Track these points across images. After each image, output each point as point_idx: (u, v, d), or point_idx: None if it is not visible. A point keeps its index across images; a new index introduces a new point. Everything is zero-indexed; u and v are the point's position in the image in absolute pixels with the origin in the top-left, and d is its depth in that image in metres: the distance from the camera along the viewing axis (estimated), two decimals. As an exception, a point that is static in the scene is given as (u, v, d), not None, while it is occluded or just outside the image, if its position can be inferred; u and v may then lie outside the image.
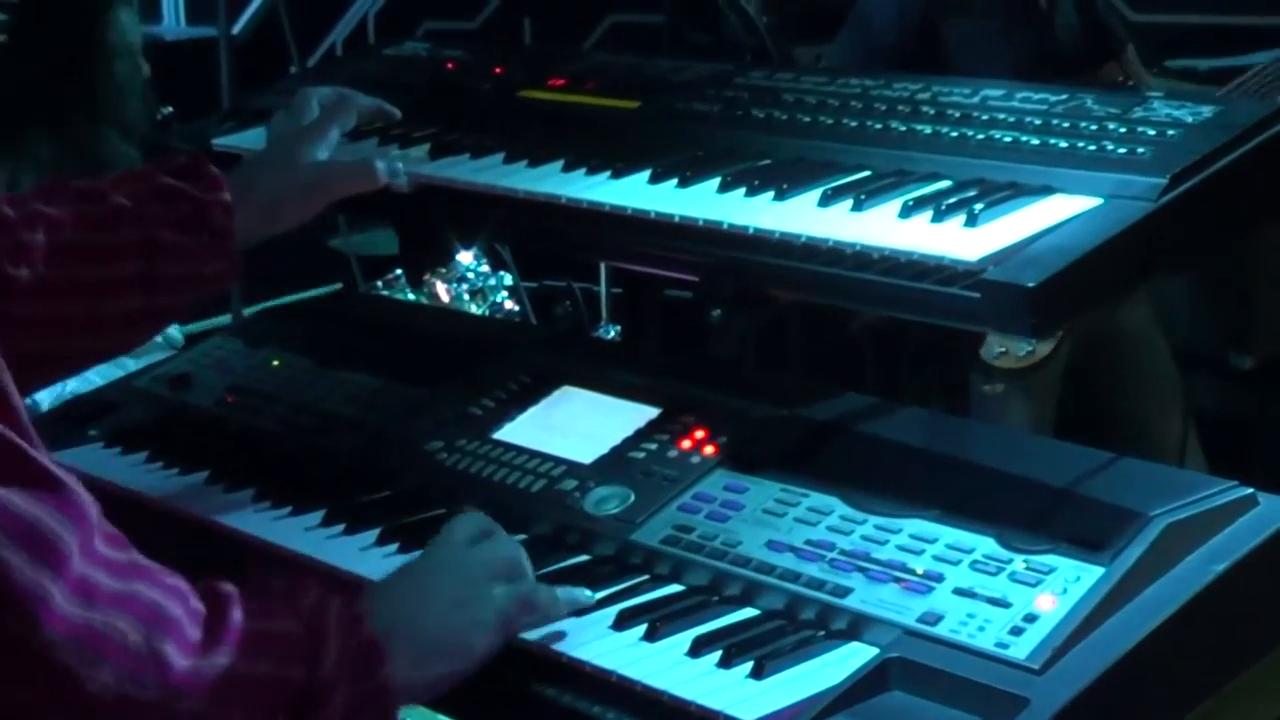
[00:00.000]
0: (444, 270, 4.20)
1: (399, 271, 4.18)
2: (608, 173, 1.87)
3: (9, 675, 1.20)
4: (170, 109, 3.88)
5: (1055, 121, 1.75)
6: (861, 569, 1.55)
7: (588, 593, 1.59)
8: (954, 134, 1.79)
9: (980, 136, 1.77)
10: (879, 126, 1.85)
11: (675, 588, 1.63)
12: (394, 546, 1.72)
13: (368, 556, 1.71)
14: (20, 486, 1.22)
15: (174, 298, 1.85)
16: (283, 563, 1.74)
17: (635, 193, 1.82)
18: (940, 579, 1.52)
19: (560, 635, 1.55)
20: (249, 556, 1.76)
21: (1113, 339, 3.72)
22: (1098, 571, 1.47)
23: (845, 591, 1.54)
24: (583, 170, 1.89)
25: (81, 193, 1.84)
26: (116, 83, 3.45)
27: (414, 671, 1.43)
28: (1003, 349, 3.55)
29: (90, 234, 1.79)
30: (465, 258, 4.20)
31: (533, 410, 1.93)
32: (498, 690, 1.53)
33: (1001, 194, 1.65)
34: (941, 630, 1.46)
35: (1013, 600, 1.47)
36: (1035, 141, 1.73)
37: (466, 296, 4.21)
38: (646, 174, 1.84)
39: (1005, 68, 3.48)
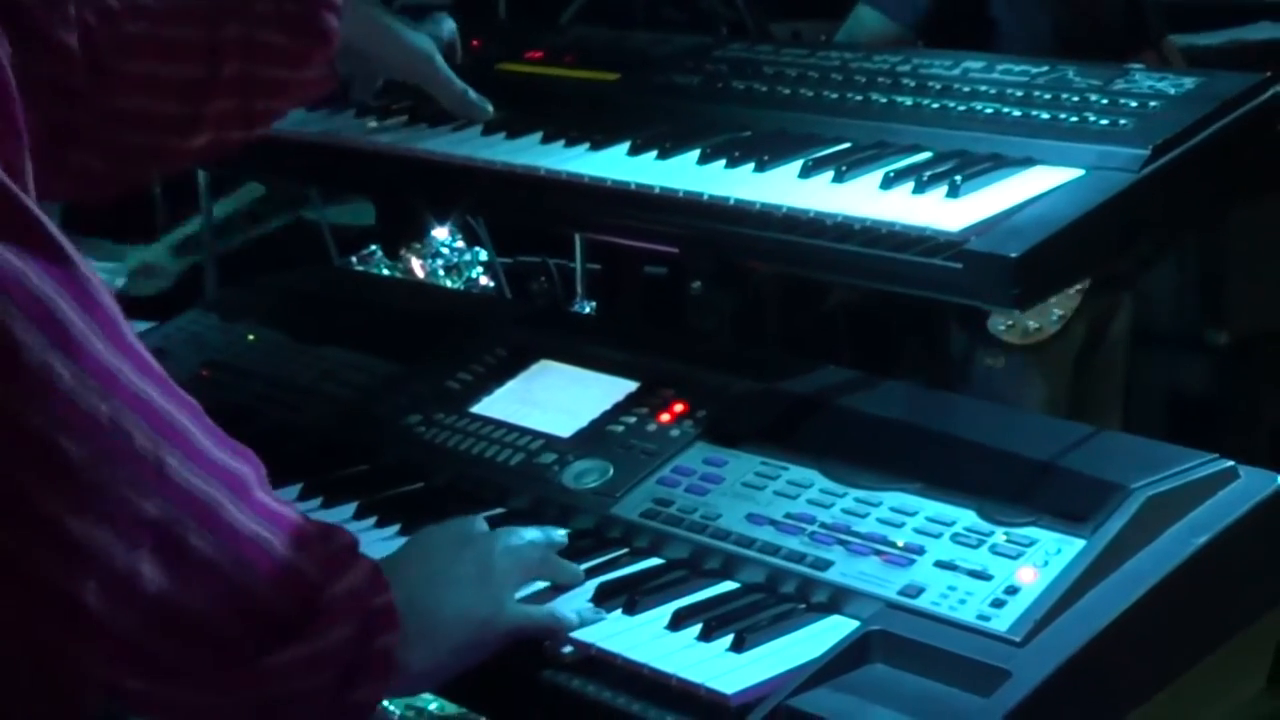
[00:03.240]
0: (419, 246, 4.18)
1: (374, 247, 4.15)
2: (587, 145, 1.86)
3: (5, 458, 1.17)
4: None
5: (1037, 93, 1.74)
6: (842, 542, 1.55)
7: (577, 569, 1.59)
8: (935, 106, 1.78)
9: (962, 108, 1.76)
10: (859, 98, 1.84)
11: (655, 561, 1.62)
12: (371, 520, 1.72)
13: (345, 530, 1.70)
14: (26, 250, 1.19)
15: (270, 101, 1.86)
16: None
17: (615, 164, 1.81)
18: (921, 552, 1.51)
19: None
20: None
21: (1096, 331, 3.72)
22: (1079, 544, 1.47)
23: (826, 565, 1.53)
24: (561, 142, 1.88)
25: None
26: None
27: (427, 659, 1.41)
28: (1010, 323, 3.54)
29: (194, 30, 1.79)
30: (440, 233, 4.17)
31: (511, 384, 1.92)
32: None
33: (983, 165, 1.64)
34: (923, 603, 1.46)
35: (994, 573, 1.47)
36: (1017, 113, 1.72)
37: (442, 272, 4.18)
38: (626, 146, 1.83)
39: (1047, 41, 3.48)
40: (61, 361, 1.19)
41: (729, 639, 1.46)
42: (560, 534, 1.60)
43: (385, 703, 2.78)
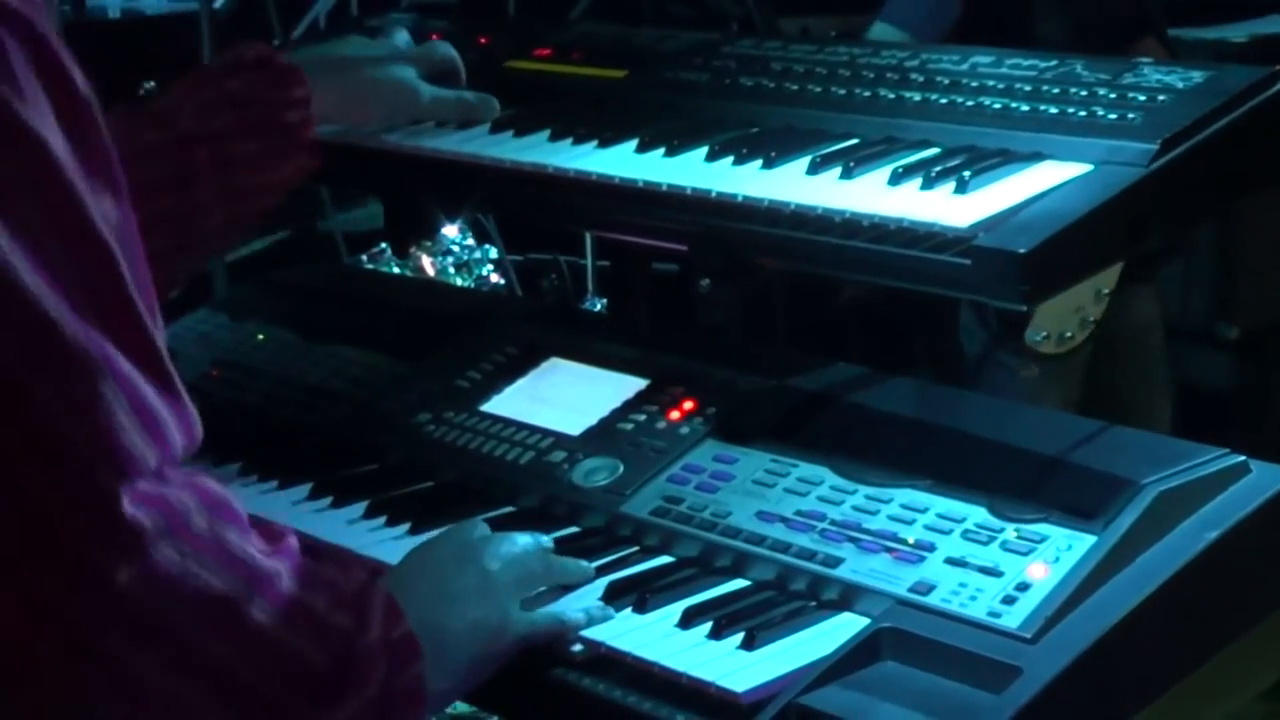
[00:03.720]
0: (429, 244, 4.18)
1: (384, 245, 4.16)
2: (595, 142, 1.85)
3: (82, 529, 1.19)
4: (152, 84, 3.84)
5: (1045, 88, 1.74)
6: (852, 539, 1.55)
7: (585, 565, 1.58)
8: (943, 101, 1.78)
9: (970, 103, 1.76)
10: (867, 94, 1.84)
11: (665, 559, 1.62)
12: (382, 519, 1.72)
13: (356, 529, 1.71)
14: (149, 378, 1.23)
15: (255, 202, 1.89)
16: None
17: (622, 162, 1.80)
18: (932, 548, 1.51)
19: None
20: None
21: (1122, 328, 3.71)
22: (1090, 540, 1.47)
23: (836, 562, 1.53)
24: (569, 140, 1.88)
25: (151, 118, 1.84)
26: None
27: (443, 677, 1.40)
28: (1046, 333, 3.53)
29: (165, 164, 1.81)
30: (450, 231, 4.17)
31: (520, 382, 1.92)
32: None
33: (992, 161, 1.63)
34: (933, 600, 1.45)
35: (1005, 569, 1.46)
36: (1025, 108, 1.71)
37: (452, 270, 4.18)
38: (634, 143, 1.83)
39: (1058, 32, 3.47)
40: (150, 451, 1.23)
41: (739, 637, 1.45)
42: (547, 540, 1.59)
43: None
